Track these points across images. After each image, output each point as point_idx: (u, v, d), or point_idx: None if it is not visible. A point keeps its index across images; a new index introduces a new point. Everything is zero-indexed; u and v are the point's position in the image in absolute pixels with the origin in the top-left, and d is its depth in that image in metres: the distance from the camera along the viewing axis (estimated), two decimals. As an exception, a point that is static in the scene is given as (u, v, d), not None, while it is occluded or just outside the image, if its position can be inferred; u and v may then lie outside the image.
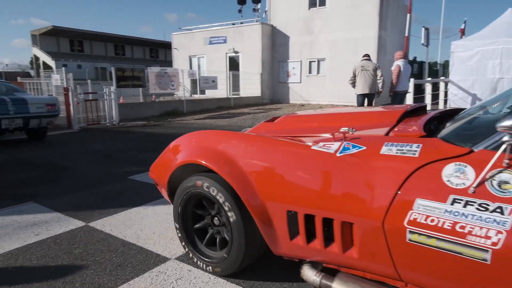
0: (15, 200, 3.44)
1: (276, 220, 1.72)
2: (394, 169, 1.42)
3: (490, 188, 1.20)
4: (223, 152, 1.92)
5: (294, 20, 16.52)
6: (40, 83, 11.54)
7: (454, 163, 1.31)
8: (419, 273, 1.37)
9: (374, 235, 1.42)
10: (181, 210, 2.13)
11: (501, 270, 1.15)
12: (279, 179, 1.70)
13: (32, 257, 2.31)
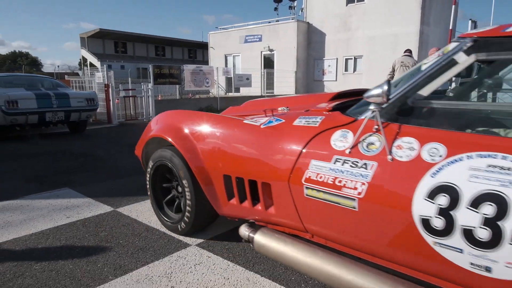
0: (53, 186, 3.61)
1: (216, 184, 2.05)
2: (298, 136, 1.70)
3: (360, 148, 1.46)
4: (181, 128, 2.23)
5: (330, 17, 16.18)
6: (84, 81, 12.18)
7: (340, 130, 1.58)
8: (315, 224, 1.65)
9: (284, 193, 1.70)
10: (151, 178, 2.51)
11: (365, 215, 1.40)
12: (218, 149, 2.02)
13: (61, 237, 2.40)
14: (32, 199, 3.19)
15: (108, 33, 50.25)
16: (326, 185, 1.51)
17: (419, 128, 1.39)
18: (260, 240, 1.82)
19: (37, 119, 6.15)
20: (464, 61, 1.38)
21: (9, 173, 4.16)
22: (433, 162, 1.26)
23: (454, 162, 1.22)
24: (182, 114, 2.38)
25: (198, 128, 2.16)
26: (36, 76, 8.12)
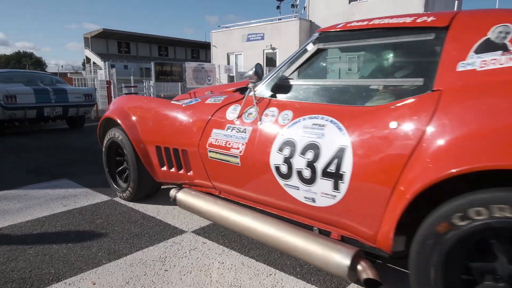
0: (51, 177, 3.60)
1: (151, 154, 2.47)
2: (206, 111, 2.13)
3: (243, 118, 1.90)
4: (126, 110, 2.64)
5: (333, 15, 16.13)
6: (86, 78, 12.22)
7: (234, 105, 2.01)
8: (218, 181, 2.09)
9: (196, 158, 2.14)
10: (106, 153, 2.91)
11: (245, 169, 1.83)
12: (151, 124, 2.46)
13: (57, 224, 2.39)
14: (30, 189, 3.19)
15: (111, 33, 50.43)
16: (221, 147, 1.95)
17: (280, 101, 1.83)
18: (180, 197, 2.24)
19: (35, 114, 6.19)
20: (311, 49, 1.82)
21: (10, 165, 4.16)
22: (283, 124, 1.70)
23: (295, 123, 1.66)
24: (128, 98, 2.85)
25: (138, 109, 2.61)
26: (35, 72, 8.18)
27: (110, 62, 40.86)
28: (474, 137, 1.17)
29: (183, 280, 1.71)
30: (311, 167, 1.53)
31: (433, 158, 1.22)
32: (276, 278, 1.72)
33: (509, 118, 1.13)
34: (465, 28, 1.42)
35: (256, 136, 1.79)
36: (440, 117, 1.26)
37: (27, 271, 1.79)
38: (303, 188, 1.59)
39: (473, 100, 1.26)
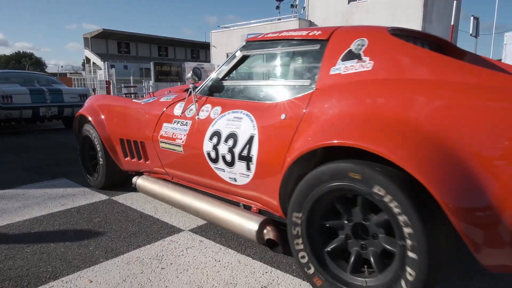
0: (50, 177, 3.62)
1: (116, 146, 2.82)
2: (159, 108, 2.49)
3: (186, 113, 2.26)
4: (96, 108, 2.99)
5: (332, 15, 16.15)
6: (85, 78, 12.23)
7: (180, 102, 2.37)
8: (168, 167, 2.46)
9: (151, 148, 2.51)
10: (80, 148, 3.27)
11: (186, 156, 2.22)
12: (116, 120, 2.82)
13: (55, 223, 2.40)
14: (29, 189, 3.20)
15: (111, 33, 50.41)
16: (169, 138, 2.32)
17: (213, 99, 2.18)
18: (139, 183, 2.66)
19: (31, 113, 6.23)
20: (238, 56, 2.17)
21: (9, 164, 4.17)
22: (213, 118, 2.06)
23: (221, 117, 2.01)
24: (99, 97, 3.25)
25: (106, 107, 2.96)
26: (31, 73, 8.22)
27: (110, 62, 41.06)
28: (331, 122, 1.54)
29: (179, 278, 1.72)
30: (231, 152, 1.91)
31: (305, 138, 1.59)
32: (272, 276, 1.74)
33: (353, 110, 1.51)
34: (338, 41, 1.76)
35: (194, 128, 2.18)
36: (311, 109, 1.65)
37: (25, 269, 1.80)
38: (227, 170, 1.97)
39: (333, 96, 1.62)
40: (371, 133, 1.39)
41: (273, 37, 2.09)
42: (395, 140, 1.32)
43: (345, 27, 1.90)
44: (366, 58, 1.62)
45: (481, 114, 1.23)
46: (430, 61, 1.50)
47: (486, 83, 1.32)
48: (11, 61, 59.74)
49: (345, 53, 1.70)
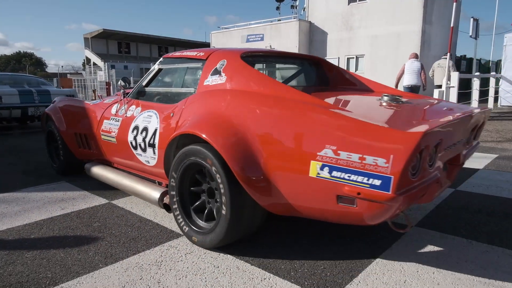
0: (50, 179, 3.63)
1: (72, 139, 3.51)
2: (102, 108, 3.20)
3: (119, 112, 2.92)
4: (58, 108, 3.69)
5: (332, 16, 16.16)
6: (86, 79, 12.23)
7: (116, 103, 3.03)
8: (108, 155, 3.10)
9: (96, 141, 3.19)
10: (46, 140, 3.97)
11: (118, 145, 2.84)
12: (71, 118, 3.53)
13: (55, 228, 2.41)
14: (29, 192, 3.21)
15: (111, 33, 50.36)
16: (107, 132, 3.00)
17: (137, 101, 2.84)
18: (87, 167, 3.29)
19: (20, 113, 6.59)
20: (156, 68, 2.85)
21: (9, 166, 4.18)
22: (135, 116, 2.71)
23: (140, 115, 2.66)
24: (61, 100, 3.87)
25: (65, 107, 3.68)
26: (22, 75, 8.49)
27: (110, 63, 41.23)
28: (188, 117, 2.23)
29: (178, 284, 1.73)
30: (144, 141, 2.55)
31: (177, 129, 2.27)
32: (270, 282, 1.75)
33: (201, 109, 2.20)
34: (211, 61, 2.41)
35: (122, 123, 2.83)
36: (186, 108, 2.32)
37: (25, 275, 1.81)
38: (143, 154, 2.60)
39: (195, 100, 2.31)
40: (201, 125, 2.06)
41: (178, 55, 2.79)
42: (213, 129, 1.97)
43: (219, 50, 2.54)
44: (223, 74, 2.30)
45: (264, 114, 1.91)
46: (255, 78, 2.17)
47: (277, 93, 1.99)
48: (12, 61, 59.71)
49: (213, 69, 2.37)
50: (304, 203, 1.80)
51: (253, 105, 1.98)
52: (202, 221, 2.14)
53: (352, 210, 1.63)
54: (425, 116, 2.10)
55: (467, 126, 2.15)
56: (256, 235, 2.23)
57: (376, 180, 1.51)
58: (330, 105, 1.95)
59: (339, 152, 1.60)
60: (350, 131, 1.61)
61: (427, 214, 2.61)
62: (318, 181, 1.66)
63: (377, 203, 1.53)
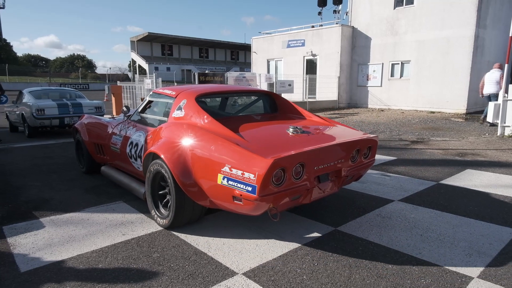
0: (108, 198, 3.89)
1: (93, 148, 4.60)
2: (112, 126, 4.27)
3: (122, 131, 4.01)
4: (83, 124, 4.93)
5: (376, 21, 15.70)
6: (134, 87, 12.85)
7: (121, 124, 4.12)
8: (115, 161, 4.15)
9: (108, 149, 4.18)
10: (76, 148, 5.27)
11: (121, 154, 3.89)
12: (91, 132, 4.68)
13: (118, 257, 2.59)
14: (92, 212, 3.47)
15: (156, 36, 52.37)
16: (114, 144, 4.01)
17: (135, 123, 3.84)
18: (102, 169, 4.40)
19: (58, 122, 8.17)
20: (147, 99, 3.90)
21: (72, 182, 4.53)
22: (131, 134, 3.74)
23: (134, 134, 3.68)
24: (85, 117, 5.11)
25: (88, 124, 4.86)
26: (65, 89, 10.05)
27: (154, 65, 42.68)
28: (160, 140, 3.13)
29: (237, 332, 1.80)
30: (135, 153, 3.58)
31: (152, 147, 3.16)
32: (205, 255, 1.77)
33: (164, 134, 3.17)
34: (178, 99, 3.40)
35: (124, 139, 3.88)
36: (159, 132, 3.25)
37: (98, 311, 1.97)
38: (135, 162, 3.62)
39: (165, 127, 3.25)
40: (161, 147, 3.02)
41: (161, 92, 3.76)
42: (166, 150, 2.94)
43: (184, 91, 3.47)
44: (183, 110, 3.28)
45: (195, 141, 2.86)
46: (197, 114, 3.13)
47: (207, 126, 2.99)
48: (66, 63, 63.94)
49: (178, 105, 3.35)
50: (218, 201, 2.71)
51: (191, 133, 2.93)
52: (163, 209, 3.15)
53: (241, 205, 2.54)
54: (300, 144, 2.74)
55: (341, 151, 2.90)
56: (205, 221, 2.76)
57: (249, 187, 2.39)
58: (234, 136, 2.77)
59: (231, 169, 2.50)
60: (237, 157, 2.51)
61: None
62: (222, 187, 2.58)
63: (251, 201, 2.43)
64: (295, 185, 2.53)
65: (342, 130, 3.37)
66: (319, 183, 2.81)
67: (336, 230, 3.04)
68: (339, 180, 3.00)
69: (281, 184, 2.44)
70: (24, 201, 3.82)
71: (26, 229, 3.08)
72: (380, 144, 7.27)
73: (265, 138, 2.95)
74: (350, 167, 3.03)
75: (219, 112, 3.90)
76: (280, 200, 2.52)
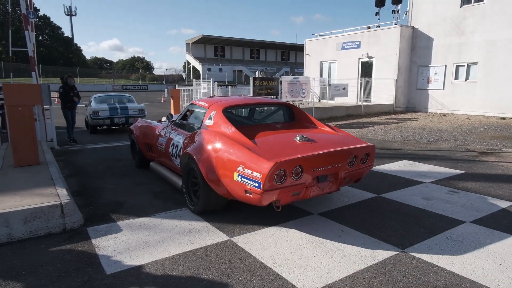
0: (175, 204, 4.13)
1: (144, 147, 5.65)
2: (159, 129, 5.23)
3: (166, 134, 4.90)
4: (136, 126, 6.08)
5: (440, 20, 14.78)
6: (191, 89, 13.43)
7: (166, 128, 5.05)
8: (160, 157, 5.09)
9: (156, 148, 5.14)
10: (131, 146, 6.53)
11: (165, 153, 4.80)
12: (142, 134, 5.73)
13: (190, 266, 2.75)
14: (161, 218, 3.71)
15: (209, 38, 54.00)
16: (160, 144, 4.94)
17: (176, 128, 4.76)
18: (151, 165, 5.43)
19: (109, 122, 10.15)
20: (186, 109, 4.88)
21: (141, 187, 4.88)
22: (174, 137, 4.65)
23: (176, 136, 4.59)
24: (138, 121, 6.21)
25: (139, 126, 5.90)
26: (121, 95, 11.89)
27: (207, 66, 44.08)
28: (193, 143, 3.92)
29: None
30: (176, 152, 4.36)
31: (187, 148, 3.97)
32: None
33: (198, 139, 3.92)
34: (209, 110, 4.16)
35: (167, 140, 4.71)
36: (194, 136, 4.01)
37: (176, 319, 2.12)
38: (176, 161, 4.40)
39: (199, 134, 3.96)
40: (193, 149, 3.78)
41: (197, 103, 4.61)
42: (197, 152, 3.71)
43: (215, 104, 4.23)
44: (213, 119, 3.98)
45: (219, 145, 3.55)
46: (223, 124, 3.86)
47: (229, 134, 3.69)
48: (127, 65, 68.42)
49: (209, 115, 4.07)
50: (234, 193, 3.38)
51: (217, 139, 3.63)
52: (194, 198, 3.89)
53: (250, 197, 3.19)
54: (302, 150, 3.30)
55: (339, 157, 3.44)
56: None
57: (256, 183, 3.03)
58: (248, 143, 3.41)
59: (244, 169, 3.16)
60: (248, 159, 3.16)
61: None
62: (237, 182, 3.25)
63: (257, 195, 3.05)
64: (294, 183, 3.14)
65: (344, 138, 3.88)
66: (318, 183, 3.37)
67: (403, 252, 2.95)
68: (337, 181, 3.52)
69: (283, 182, 3.05)
70: (102, 203, 4.19)
71: (106, 231, 3.38)
72: (444, 154, 6.86)
73: (273, 145, 3.54)
74: (347, 170, 3.55)
75: (243, 120, 4.74)
76: (282, 195, 3.14)
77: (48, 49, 55.83)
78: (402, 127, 10.99)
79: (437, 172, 5.52)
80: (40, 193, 3.72)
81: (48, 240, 3.19)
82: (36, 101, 5.01)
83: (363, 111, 14.85)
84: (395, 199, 4.26)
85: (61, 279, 2.54)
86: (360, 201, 4.23)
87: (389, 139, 8.94)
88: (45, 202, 3.39)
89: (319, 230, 3.40)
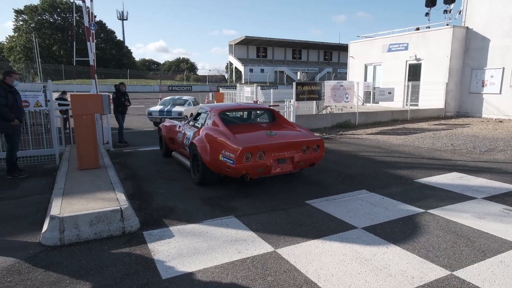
0: (221, 211, 4.33)
1: (168, 140, 7.44)
2: (179, 126, 6.94)
3: (183, 130, 6.59)
4: (162, 125, 7.95)
5: (498, 19, 13.85)
6: (235, 93, 13.76)
7: (184, 125, 6.77)
8: (179, 148, 6.89)
9: (176, 141, 6.88)
10: (159, 140, 8.37)
11: (181, 144, 6.52)
12: (168, 129, 7.46)
13: (238, 276, 2.90)
14: (209, 225, 3.91)
15: (251, 39, 54.56)
16: (178, 138, 6.68)
17: (190, 126, 6.41)
18: (173, 154, 7.24)
19: (159, 120, 12.00)
20: (197, 111, 6.66)
21: (190, 192, 5.15)
22: (187, 132, 6.28)
23: (188, 132, 6.27)
24: (165, 121, 8.06)
25: (165, 126, 7.70)
26: (176, 97, 14.11)
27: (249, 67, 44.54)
28: (198, 136, 5.60)
29: None
30: (187, 143, 6.00)
31: (193, 139, 5.71)
32: None
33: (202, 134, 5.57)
34: (210, 113, 5.94)
35: (183, 135, 6.36)
36: (198, 131, 5.72)
37: (227, 328, 2.27)
38: (187, 149, 6.02)
39: (203, 130, 5.64)
40: (197, 139, 5.52)
41: (202, 107, 6.39)
42: (198, 141, 5.43)
43: (214, 109, 5.92)
44: (212, 120, 5.67)
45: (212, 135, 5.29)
46: (217, 123, 5.53)
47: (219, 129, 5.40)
48: (172, 66, 71.14)
49: (209, 117, 5.80)
50: (221, 169, 4.98)
51: (211, 133, 5.25)
52: (197, 173, 5.42)
53: (230, 171, 4.83)
54: (266, 140, 4.95)
55: (293, 146, 5.07)
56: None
57: (231, 161, 4.69)
58: (231, 135, 4.98)
59: (225, 152, 4.81)
60: (228, 146, 4.81)
61: None
62: (221, 161, 4.84)
63: (233, 169, 4.71)
64: (258, 162, 4.78)
65: (301, 134, 5.49)
66: (279, 164, 4.97)
67: (452, 274, 2.89)
68: (293, 164, 5.09)
69: (249, 161, 4.71)
70: (155, 208, 4.50)
71: (160, 236, 3.65)
72: (499, 167, 6.48)
73: (248, 137, 5.12)
74: (301, 156, 5.13)
75: (234, 120, 6.26)
76: (250, 170, 4.80)
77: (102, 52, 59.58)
78: (453, 134, 10.47)
79: (491, 187, 5.26)
80: (102, 197, 4.08)
81: (110, 242, 3.51)
82: (98, 110, 5.48)
83: (409, 116, 14.31)
84: (443, 216, 4.15)
85: (123, 281, 2.81)
86: (406, 216, 4.16)
87: (438, 147, 8.58)
88: (107, 206, 3.74)
89: (363, 245, 3.42)
